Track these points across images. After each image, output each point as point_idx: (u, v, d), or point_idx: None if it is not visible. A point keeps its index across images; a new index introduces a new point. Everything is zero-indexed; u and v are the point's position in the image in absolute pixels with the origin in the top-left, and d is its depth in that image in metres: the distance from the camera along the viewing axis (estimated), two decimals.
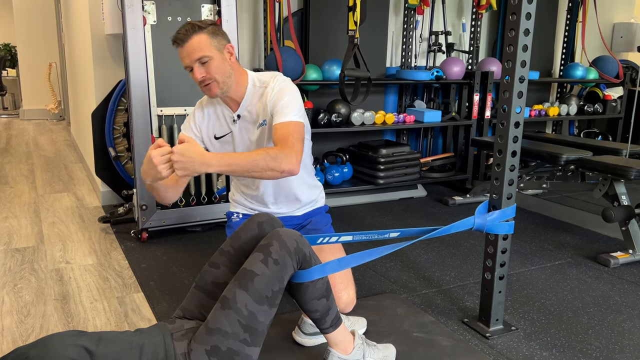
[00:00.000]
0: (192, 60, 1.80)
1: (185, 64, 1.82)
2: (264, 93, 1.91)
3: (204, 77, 1.81)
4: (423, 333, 2.01)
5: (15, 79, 9.50)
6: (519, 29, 1.82)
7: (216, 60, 1.82)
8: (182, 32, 1.80)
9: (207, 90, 1.86)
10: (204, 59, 1.80)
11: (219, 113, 2.01)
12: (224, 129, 2.01)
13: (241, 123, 1.97)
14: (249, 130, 1.97)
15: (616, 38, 5.56)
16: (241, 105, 1.94)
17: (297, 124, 1.81)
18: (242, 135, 1.99)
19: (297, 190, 2.09)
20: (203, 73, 1.81)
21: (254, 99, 1.94)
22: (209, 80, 1.83)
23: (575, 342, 2.01)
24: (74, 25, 4.68)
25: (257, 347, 1.50)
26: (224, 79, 1.85)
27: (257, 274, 1.50)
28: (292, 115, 1.82)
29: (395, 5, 4.27)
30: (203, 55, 1.79)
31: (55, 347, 1.38)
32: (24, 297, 2.31)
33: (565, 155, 3.10)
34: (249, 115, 1.96)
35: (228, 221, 2.20)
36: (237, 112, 1.96)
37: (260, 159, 1.67)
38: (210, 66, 1.81)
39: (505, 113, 1.91)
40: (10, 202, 3.74)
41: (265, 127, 1.93)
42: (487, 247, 2.04)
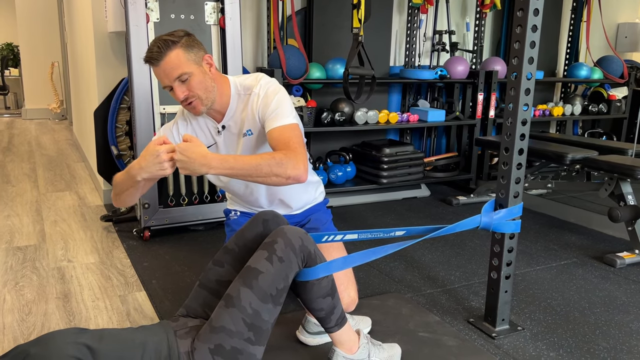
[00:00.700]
0: (171, 79, 1.68)
1: (164, 84, 1.70)
2: (249, 100, 1.82)
3: (186, 95, 1.71)
4: (428, 333, 1.99)
5: (18, 79, 9.50)
6: (526, 25, 1.79)
7: (196, 76, 1.70)
8: (154, 49, 1.66)
9: (192, 109, 1.76)
10: (183, 77, 1.68)
11: (202, 125, 1.92)
12: (208, 140, 1.92)
13: (226, 134, 1.89)
14: (233, 140, 1.89)
15: (620, 38, 5.53)
16: (226, 116, 1.86)
17: (294, 127, 1.73)
18: (227, 146, 1.91)
19: (294, 194, 2.04)
20: (185, 92, 1.70)
21: (239, 107, 1.85)
22: (192, 99, 1.72)
23: (583, 343, 1.98)
24: (76, 24, 4.67)
25: (261, 346, 1.48)
26: (206, 94, 1.75)
27: (262, 272, 1.47)
28: (286, 118, 1.73)
29: (399, 4, 4.26)
30: (182, 72, 1.67)
31: (56, 345, 1.36)
32: (26, 296, 2.29)
33: (570, 154, 3.07)
34: (234, 125, 1.87)
35: (226, 219, 2.18)
36: (221, 122, 1.88)
37: (265, 164, 1.58)
38: (191, 83, 1.70)
39: (512, 110, 1.88)
40: (12, 201, 3.73)
41: (252, 137, 1.85)
42: (494, 246, 2.01)
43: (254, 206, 2.09)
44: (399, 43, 4.34)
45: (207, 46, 3.03)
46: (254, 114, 1.81)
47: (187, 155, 1.53)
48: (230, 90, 1.84)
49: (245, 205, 2.12)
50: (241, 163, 1.58)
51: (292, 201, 2.07)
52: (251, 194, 2.02)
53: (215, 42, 3.05)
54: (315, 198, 2.16)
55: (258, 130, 1.83)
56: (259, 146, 1.87)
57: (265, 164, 1.58)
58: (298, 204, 2.09)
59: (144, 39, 2.81)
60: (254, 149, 1.88)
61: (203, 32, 3.02)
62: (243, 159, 1.59)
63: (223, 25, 3.00)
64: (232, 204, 2.18)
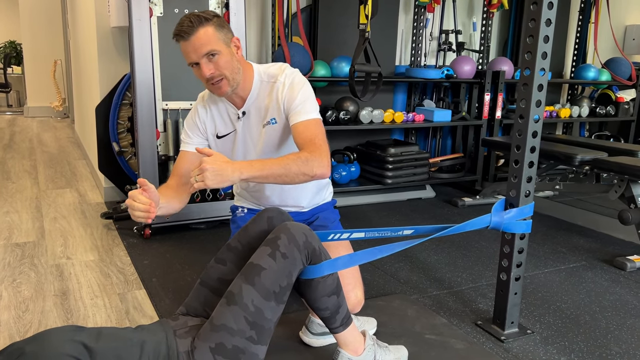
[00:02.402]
0: (199, 55, 1.65)
1: (191, 60, 1.67)
2: (274, 88, 1.80)
3: (212, 73, 1.67)
4: (435, 335, 1.93)
5: (20, 76, 9.47)
6: (540, 19, 1.74)
7: (225, 55, 1.68)
8: (185, 24, 1.64)
9: (216, 89, 1.73)
10: (212, 54, 1.66)
11: (222, 110, 1.88)
12: (227, 127, 1.89)
13: (245, 120, 1.85)
14: (252, 128, 1.85)
15: (628, 40, 5.48)
16: (247, 102, 1.82)
17: (318, 122, 1.73)
18: (245, 134, 1.87)
19: (308, 193, 2.02)
20: (212, 69, 1.67)
21: (262, 94, 1.82)
22: (218, 77, 1.69)
23: (594, 347, 1.93)
24: (79, 20, 4.63)
25: (264, 346, 1.43)
26: (233, 75, 1.72)
27: (264, 268, 1.42)
28: (311, 113, 1.73)
29: (405, 3, 4.21)
30: (211, 49, 1.65)
31: (52, 343, 1.31)
32: (23, 293, 2.24)
33: (579, 155, 3.02)
34: (255, 112, 1.84)
35: (232, 216, 2.13)
36: (242, 108, 1.84)
37: (293, 163, 1.58)
38: (219, 62, 1.67)
39: (524, 107, 1.83)
40: (12, 197, 3.68)
41: (275, 126, 1.82)
42: (503, 247, 1.96)
43: (264, 204, 2.03)
44: (405, 42, 4.29)
45: None
46: (278, 103, 1.78)
47: (217, 166, 1.47)
48: (254, 76, 1.81)
49: (254, 202, 2.07)
50: (271, 165, 1.57)
51: (304, 201, 2.03)
52: (263, 193, 1.98)
53: None
54: (324, 198, 2.13)
55: (282, 121, 1.80)
56: (281, 137, 1.83)
57: (293, 164, 1.58)
58: (310, 203, 2.06)
59: (147, 34, 2.77)
60: (276, 139, 1.83)
61: None
62: (271, 162, 1.58)
63: (227, 20, 2.95)
64: (239, 200, 2.13)
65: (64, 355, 1.28)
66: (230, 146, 1.90)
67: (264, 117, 1.83)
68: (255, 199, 2.04)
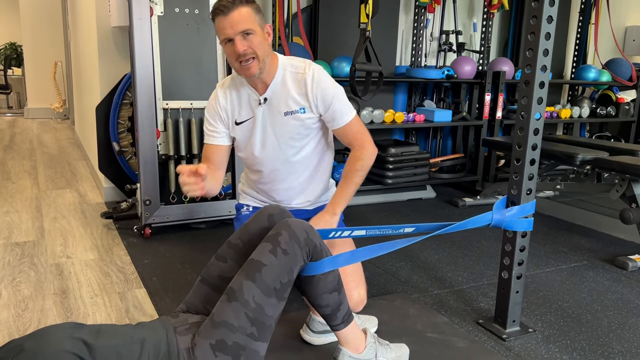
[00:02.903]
0: (236, 31, 1.70)
1: (226, 35, 1.72)
2: (300, 80, 1.85)
3: (246, 50, 1.72)
4: (437, 334, 1.92)
5: (21, 78, 9.48)
6: (541, 16, 1.74)
7: (259, 36, 1.74)
8: (225, 1, 1.71)
9: (245, 69, 1.77)
10: (248, 32, 1.71)
11: (243, 95, 1.91)
12: (246, 113, 1.92)
13: (266, 108, 1.89)
14: (274, 115, 1.89)
15: (628, 41, 5.48)
16: (269, 88, 1.87)
17: (356, 118, 1.93)
18: (264, 120, 1.90)
19: (321, 191, 2.08)
20: (245, 46, 1.72)
21: (286, 83, 1.86)
22: (250, 55, 1.73)
23: (597, 346, 1.92)
24: (80, 20, 4.63)
25: (264, 343, 1.42)
26: (263, 57, 1.77)
27: (265, 265, 1.42)
28: (350, 113, 1.90)
29: (405, 3, 4.21)
30: (248, 27, 1.71)
31: (52, 339, 1.30)
32: (23, 291, 2.23)
33: (581, 155, 3.01)
34: (277, 100, 1.87)
35: (237, 214, 2.13)
36: (264, 94, 1.88)
37: (358, 178, 1.91)
38: (253, 41, 1.73)
39: (525, 105, 1.82)
40: (12, 197, 3.68)
41: (299, 115, 1.87)
42: (505, 245, 1.95)
43: (273, 199, 2.05)
44: (406, 43, 4.29)
45: (211, 41, 2.99)
46: (308, 96, 1.85)
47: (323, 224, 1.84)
48: (278, 64, 1.87)
49: (261, 198, 2.08)
50: (347, 192, 1.90)
51: (313, 196, 2.07)
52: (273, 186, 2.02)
53: None
54: (328, 197, 2.14)
55: (312, 114, 1.89)
56: (302, 127, 1.90)
57: (358, 178, 1.92)
58: (317, 199, 2.09)
59: (147, 33, 2.76)
60: (296, 128, 1.89)
61: (207, 26, 2.97)
62: (346, 191, 1.90)
63: None
64: (244, 198, 2.14)
65: (63, 352, 1.27)
66: (248, 134, 1.93)
67: (287, 105, 1.87)
68: (264, 192, 2.06)
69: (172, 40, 2.90)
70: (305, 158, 1.96)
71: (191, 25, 2.93)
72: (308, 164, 1.98)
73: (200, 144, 3.02)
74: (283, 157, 1.94)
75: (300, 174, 1.99)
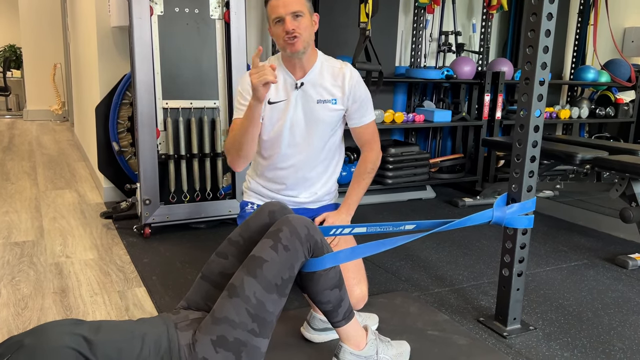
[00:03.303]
0: (288, 11, 1.82)
1: (278, 14, 1.83)
2: (340, 72, 1.99)
3: (295, 28, 1.83)
4: (438, 331, 1.92)
5: (20, 80, 9.47)
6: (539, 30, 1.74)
7: (307, 20, 1.87)
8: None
9: (291, 45, 1.86)
10: (299, 14, 1.83)
11: (279, 78, 1.97)
12: (280, 95, 1.98)
13: (301, 92, 1.98)
14: (308, 101, 1.98)
15: (627, 42, 5.49)
16: (307, 74, 1.97)
17: (374, 121, 2.13)
18: (297, 104, 1.98)
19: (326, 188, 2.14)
20: (295, 25, 1.83)
21: (323, 73, 1.98)
22: (297, 34, 1.84)
23: (597, 343, 1.91)
24: (79, 21, 4.63)
25: (265, 339, 1.41)
26: (307, 40, 1.88)
27: (267, 261, 1.41)
28: (372, 114, 2.11)
29: (405, 4, 4.21)
30: (300, 9, 1.83)
31: (52, 335, 1.29)
32: (22, 290, 2.22)
33: (580, 154, 3.01)
34: (312, 87, 1.98)
35: (241, 211, 2.14)
36: (301, 79, 1.97)
37: (368, 179, 2.08)
38: (301, 23, 1.85)
39: (525, 101, 1.83)
40: (11, 198, 3.67)
41: (331, 106, 1.99)
42: (505, 242, 1.95)
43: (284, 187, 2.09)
44: (405, 43, 4.29)
45: (211, 40, 2.99)
46: (344, 90, 1.99)
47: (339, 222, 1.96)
48: (317, 56, 2.00)
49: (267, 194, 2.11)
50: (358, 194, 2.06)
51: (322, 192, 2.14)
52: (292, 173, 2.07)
53: (220, 37, 3.01)
54: (334, 197, 2.24)
55: (343, 106, 2.02)
56: (331, 118, 2.01)
57: (369, 179, 2.09)
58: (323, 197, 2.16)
59: (147, 32, 2.77)
60: (325, 117, 2.00)
61: (207, 26, 2.97)
62: (358, 191, 2.06)
63: (228, 19, 2.95)
64: (249, 196, 2.17)
65: (63, 348, 1.26)
66: (279, 115, 1.99)
67: (320, 94, 1.99)
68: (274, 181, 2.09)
69: (172, 39, 2.90)
70: (325, 150, 2.06)
71: (191, 24, 2.93)
72: (326, 156, 2.08)
73: (199, 144, 3.02)
74: (307, 143, 2.02)
75: (318, 165, 2.07)
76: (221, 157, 3.09)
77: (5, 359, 1.26)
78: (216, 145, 3.06)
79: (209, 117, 3.04)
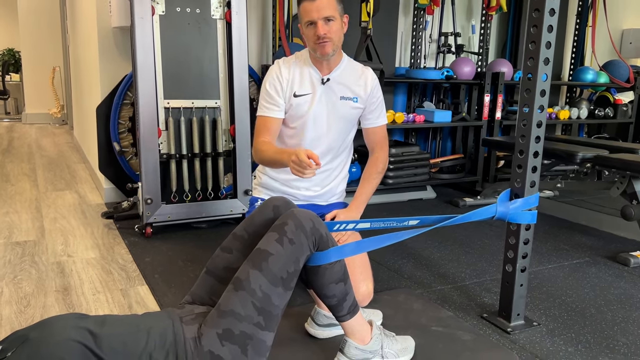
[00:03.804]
0: (321, 16, 1.88)
1: (310, 18, 1.89)
2: (363, 73, 2.10)
3: (326, 33, 1.90)
4: (442, 327, 1.92)
5: (19, 84, 9.48)
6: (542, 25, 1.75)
7: (338, 24, 1.94)
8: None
9: (321, 47, 1.93)
10: (330, 18, 1.90)
11: (305, 73, 2.05)
12: (305, 88, 2.05)
13: (326, 87, 2.05)
14: (332, 96, 2.06)
15: (625, 44, 5.51)
16: (333, 71, 2.05)
17: (386, 125, 2.19)
18: (322, 98, 2.05)
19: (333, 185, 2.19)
20: (327, 30, 1.90)
21: (347, 71, 2.07)
22: (327, 39, 1.91)
23: (601, 339, 1.91)
24: (79, 22, 4.64)
25: (271, 333, 1.41)
26: (338, 43, 1.96)
27: (272, 254, 1.41)
28: (385, 118, 2.19)
29: (404, 5, 4.23)
30: (332, 14, 1.89)
31: (57, 329, 1.29)
32: (24, 288, 2.22)
33: (581, 153, 3.02)
34: (336, 84, 2.06)
35: (250, 207, 2.18)
36: (327, 75, 2.05)
37: (378, 180, 2.15)
38: (332, 27, 1.91)
39: (528, 97, 1.83)
40: (11, 199, 3.66)
41: (352, 103, 2.08)
42: (509, 238, 1.95)
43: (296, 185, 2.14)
44: (405, 44, 4.31)
45: (212, 40, 3.00)
46: (366, 89, 2.08)
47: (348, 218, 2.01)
48: (343, 55, 2.09)
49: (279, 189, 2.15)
50: (368, 194, 2.12)
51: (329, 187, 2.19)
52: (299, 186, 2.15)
53: (221, 36, 3.01)
54: (342, 196, 2.28)
55: (361, 104, 2.10)
56: (350, 114, 2.09)
57: (378, 180, 2.15)
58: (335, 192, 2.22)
59: (149, 32, 2.77)
60: (347, 114, 2.09)
61: (208, 25, 2.98)
62: (368, 191, 2.12)
63: (229, 19, 2.96)
64: (259, 192, 2.21)
65: (69, 341, 1.26)
66: (305, 108, 2.05)
67: (344, 92, 2.07)
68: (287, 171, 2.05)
69: (173, 39, 2.90)
70: (342, 145, 2.14)
71: (192, 24, 2.94)
72: (341, 152, 2.16)
73: (201, 143, 3.02)
74: (327, 137, 2.09)
75: (334, 159, 2.15)
76: (222, 156, 3.09)
77: (11, 352, 1.25)
78: (217, 145, 3.06)
79: (210, 117, 3.04)
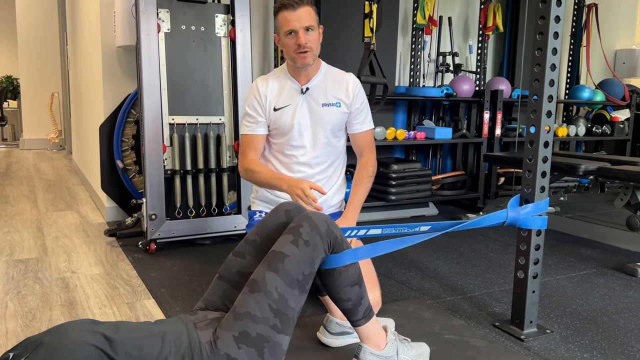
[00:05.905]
0: (302, 25, 1.92)
1: (292, 27, 1.93)
2: (344, 79, 2.10)
3: (306, 43, 1.93)
4: (455, 335, 1.90)
5: (16, 111, 9.50)
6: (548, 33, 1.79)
7: (316, 34, 1.98)
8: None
9: (302, 57, 1.96)
10: (311, 28, 1.94)
11: (284, 85, 2.08)
12: (285, 100, 2.07)
13: (307, 96, 2.07)
14: (313, 105, 2.08)
15: (618, 64, 5.60)
16: (312, 80, 2.07)
17: (372, 130, 2.21)
18: (304, 108, 2.07)
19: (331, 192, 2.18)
20: (307, 39, 1.94)
21: (327, 78, 2.09)
22: (307, 48, 1.94)
23: (616, 345, 1.90)
24: (82, 44, 4.68)
25: (287, 335, 1.39)
26: (316, 52, 2.00)
27: (288, 255, 1.40)
28: (371, 123, 2.20)
29: (403, 26, 4.30)
30: (312, 24, 1.94)
31: (72, 333, 1.27)
32: (29, 303, 2.18)
33: (584, 165, 3.04)
34: (317, 91, 2.07)
35: (250, 220, 2.16)
36: (306, 85, 2.07)
37: (369, 183, 2.14)
38: (312, 37, 1.95)
39: (536, 102, 1.86)
40: (12, 219, 3.63)
41: (337, 108, 2.09)
42: (520, 244, 1.95)
43: None
44: (404, 64, 4.36)
45: (217, 57, 3.03)
46: (348, 93, 2.09)
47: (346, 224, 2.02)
48: (321, 63, 2.11)
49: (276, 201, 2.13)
50: (361, 198, 2.11)
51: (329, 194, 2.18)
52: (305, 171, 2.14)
53: (225, 54, 3.05)
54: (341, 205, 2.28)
55: (346, 109, 2.11)
56: (336, 120, 2.10)
57: (370, 183, 2.15)
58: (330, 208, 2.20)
59: (154, 49, 2.80)
60: (331, 120, 2.09)
61: (213, 43, 3.01)
62: (361, 194, 2.11)
63: (233, 37, 3.00)
64: (257, 205, 2.21)
65: (84, 344, 1.24)
66: (288, 119, 2.08)
67: (326, 98, 2.08)
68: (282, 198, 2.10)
69: (178, 56, 2.93)
70: (332, 153, 2.15)
71: (197, 42, 2.98)
72: (333, 160, 2.16)
73: (205, 159, 3.02)
74: (314, 145, 2.10)
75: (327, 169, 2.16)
76: (227, 172, 3.09)
77: (24, 357, 1.23)
78: (221, 161, 3.07)
79: (215, 133, 3.05)
